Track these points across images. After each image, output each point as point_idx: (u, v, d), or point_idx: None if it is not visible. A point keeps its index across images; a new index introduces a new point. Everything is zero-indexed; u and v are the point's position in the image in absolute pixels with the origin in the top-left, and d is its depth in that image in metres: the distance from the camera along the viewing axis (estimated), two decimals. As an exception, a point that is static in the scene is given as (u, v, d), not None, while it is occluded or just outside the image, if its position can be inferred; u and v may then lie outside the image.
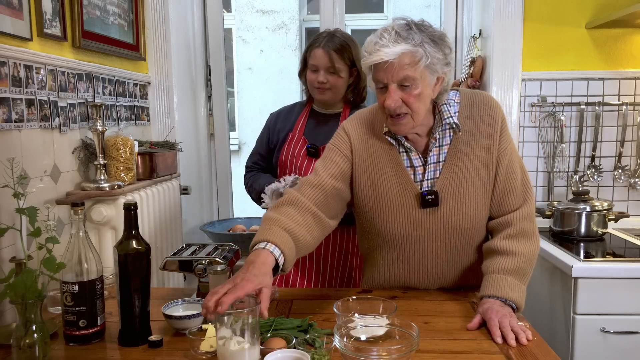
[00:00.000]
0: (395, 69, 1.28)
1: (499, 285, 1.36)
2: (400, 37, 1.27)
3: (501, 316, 1.27)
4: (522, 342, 1.21)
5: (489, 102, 1.45)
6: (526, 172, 1.49)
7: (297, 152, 1.94)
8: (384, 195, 1.46)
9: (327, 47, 1.87)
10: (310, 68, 1.92)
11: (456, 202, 1.43)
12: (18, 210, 1.17)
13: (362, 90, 1.98)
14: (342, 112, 1.97)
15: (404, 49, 1.26)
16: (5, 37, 1.51)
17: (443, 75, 1.34)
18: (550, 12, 2.42)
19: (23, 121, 1.57)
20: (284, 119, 2.03)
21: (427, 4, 5.03)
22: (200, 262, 1.44)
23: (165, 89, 2.56)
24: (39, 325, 1.12)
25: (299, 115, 2.02)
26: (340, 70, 1.89)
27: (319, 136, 1.95)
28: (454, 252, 1.49)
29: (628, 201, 2.50)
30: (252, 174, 2.05)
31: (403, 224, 1.46)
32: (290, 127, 2.00)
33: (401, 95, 1.31)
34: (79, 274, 1.22)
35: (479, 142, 1.43)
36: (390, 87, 1.31)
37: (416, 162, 1.45)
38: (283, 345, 1.12)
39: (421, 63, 1.28)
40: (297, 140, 1.96)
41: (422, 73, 1.29)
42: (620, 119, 2.44)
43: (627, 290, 1.87)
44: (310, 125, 1.99)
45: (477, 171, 1.43)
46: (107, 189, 1.81)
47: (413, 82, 1.29)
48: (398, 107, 1.32)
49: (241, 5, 5.36)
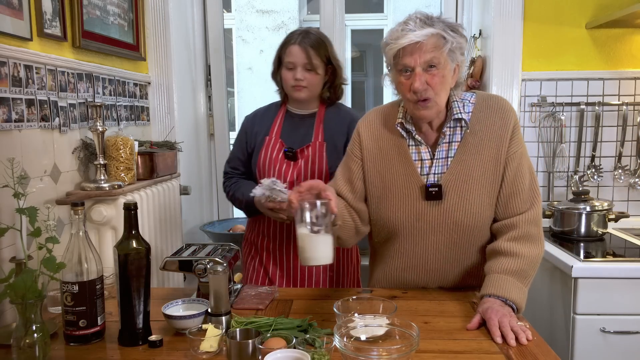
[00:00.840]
0: (423, 51, 1.34)
1: (500, 285, 1.36)
2: (426, 23, 1.35)
3: (501, 316, 1.27)
4: (522, 342, 1.21)
5: (503, 105, 1.49)
6: (535, 178, 1.50)
7: (275, 156, 1.92)
8: (390, 186, 1.50)
9: (304, 44, 1.85)
10: (286, 66, 1.89)
11: (460, 198, 1.45)
12: (18, 210, 1.17)
13: (337, 88, 1.96)
14: (317, 112, 1.95)
15: (432, 31, 1.34)
16: (5, 37, 1.51)
17: (460, 63, 1.42)
18: (550, 12, 2.42)
19: (23, 121, 1.57)
20: (260, 121, 2.00)
21: (427, 4, 5.03)
22: (200, 262, 1.44)
23: (165, 89, 2.56)
24: (39, 325, 1.12)
25: (274, 117, 1.99)
26: (317, 66, 1.87)
27: (296, 138, 1.93)
28: (455, 248, 1.50)
29: (628, 201, 2.50)
30: (232, 181, 2.02)
31: (406, 215, 1.49)
32: (266, 130, 1.97)
33: (426, 78, 1.37)
34: (79, 274, 1.22)
35: (489, 143, 1.45)
36: (417, 70, 1.36)
37: (424, 155, 1.49)
38: (283, 345, 1.12)
39: (446, 47, 1.35)
40: (274, 144, 1.93)
41: (445, 58, 1.36)
42: (620, 119, 2.44)
43: (627, 290, 1.87)
44: (286, 127, 1.96)
45: (484, 170, 1.45)
46: (107, 189, 1.81)
47: (438, 64, 1.36)
48: (425, 89, 1.37)
49: (241, 5, 5.36)
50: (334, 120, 1.94)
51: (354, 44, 4.84)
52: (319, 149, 1.90)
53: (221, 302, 1.28)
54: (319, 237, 1.25)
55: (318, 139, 1.91)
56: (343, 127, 1.92)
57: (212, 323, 1.24)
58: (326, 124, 1.93)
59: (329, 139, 1.91)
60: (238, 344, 1.13)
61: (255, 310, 1.44)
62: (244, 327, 1.23)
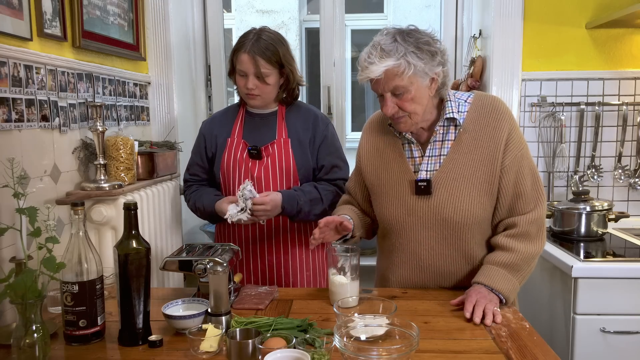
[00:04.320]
0: (383, 82, 1.42)
1: (489, 275, 1.43)
2: (385, 53, 1.39)
3: (481, 297, 1.36)
4: (486, 322, 1.31)
5: (497, 106, 1.51)
6: (538, 178, 1.52)
7: (239, 157, 1.90)
8: (384, 182, 1.58)
9: (253, 52, 1.79)
10: (238, 73, 1.85)
11: (449, 195, 1.49)
12: (18, 210, 1.17)
13: (293, 91, 1.94)
14: (277, 110, 1.94)
15: (387, 66, 1.39)
16: (5, 37, 1.51)
17: (436, 75, 1.44)
18: (550, 12, 2.42)
19: (23, 121, 1.57)
20: (219, 125, 1.97)
21: (427, 4, 5.02)
22: (200, 262, 1.44)
23: (165, 89, 2.56)
24: (39, 325, 1.12)
25: (234, 119, 1.96)
26: (268, 74, 1.81)
27: (258, 137, 1.91)
28: (447, 245, 1.53)
29: (628, 201, 2.50)
30: (192, 189, 1.99)
31: (399, 210, 1.55)
32: (227, 132, 1.94)
33: (396, 102, 1.44)
34: (79, 274, 1.22)
35: (482, 143, 1.48)
36: (385, 96, 1.44)
37: (415, 153, 1.55)
38: (283, 345, 1.12)
39: (406, 73, 1.39)
40: (237, 145, 1.91)
41: (411, 79, 1.41)
42: (620, 119, 2.44)
43: (627, 290, 1.87)
44: (247, 127, 1.94)
45: (477, 170, 1.47)
46: (107, 189, 1.81)
47: (404, 89, 1.42)
48: (395, 112, 1.46)
49: (241, 5, 5.36)
50: (296, 117, 1.93)
51: (354, 44, 4.84)
52: (285, 146, 1.89)
53: (221, 302, 1.28)
54: (349, 284, 1.43)
55: (282, 136, 1.90)
56: (307, 123, 1.92)
57: (212, 323, 1.24)
58: (289, 121, 1.92)
59: (293, 135, 1.90)
60: (238, 344, 1.13)
61: (255, 310, 1.44)
62: (244, 327, 1.23)
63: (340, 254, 1.46)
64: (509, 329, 1.29)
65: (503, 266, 1.44)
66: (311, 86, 4.27)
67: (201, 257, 1.46)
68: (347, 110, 4.40)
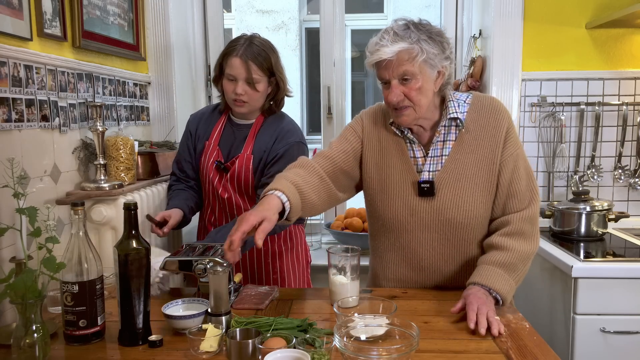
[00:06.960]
0: (394, 65, 1.39)
1: (486, 275, 1.40)
2: (398, 37, 1.39)
3: (481, 303, 1.31)
4: (493, 333, 1.24)
5: (496, 106, 1.52)
6: (533, 178, 1.52)
7: (210, 165, 1.90)
8: (387, 180, 1.55)
9: (245, 57, 1.77)
10: (227, 77, 1.81)
11: (453, 195, 1.48)
12: (18, 210, 1.17)
13: (280, 102, 1.92)
14: (254, 122, 1.91)
15: (401, 47, 1.38)
16: (5, 37, 1.51)
17: (443, 69, 1.43)
18: (550, 12, 2.42)
19: (23, 121, 1.57)
20: (204, 125, 1.97)
21: (427, 4, 5.02)
22: (200, 262, 1.44)
23: (165, 89, 2.56)
24: (39, 325, 1.12)
25: (216, 122, 1.95)
26: (258, 81, 1.80)
27: (232, 147, 1.90)
28: (449, 245, 1.52)
29: (628, 201, 2.50)
30: (173, 188, 2.01)
31: (400, 210, 1.53)
32: (208, 135, 1.94)
33: (403, 90, 1.42)
34: (79, 274, 1.22)
35: (483, 143, 1.48)
36: (392, 82, 1.42)
37: (418, 153, 1.53)
38: (283, 345, 1.12)
39: (418, 58, 1.38)
40: (212, 152, 1.91)
41: (421, 67, 1.40)
42: (620, 119, 2.44)
43: (627, 290, 1.87)
44: (225, 135, 1.93)
45: (479, 170, 1.48)
46: (107, 189, 1.81)
47: (412, 76, 1.40)
48: (400, 100, 1.43)
49: (241, 5, 5.36)
50: (267, 132, 1.89)
51: (354, 44, 4.84)
52: (246, 162, 1.86)
53: (221, 302, 1.27)
54: (349, 284, 1.43)
55: (247, 152, 1.87)
56: (271, 138, 1.87)
57: (212, 323, 1.24)
58: (259, 137, 1.89)
59: (256, 152, 1.87)
60: (238, 344, 1.13)
61: (255, 310, 1.44)
62: (244, 327, 1.23)
63: (341, 254, 1.46)
64: (509, 329, 1.29)
65: (499, 265, 1.42)
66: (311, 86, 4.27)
67: (201, 257, 1.46)
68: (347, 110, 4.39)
